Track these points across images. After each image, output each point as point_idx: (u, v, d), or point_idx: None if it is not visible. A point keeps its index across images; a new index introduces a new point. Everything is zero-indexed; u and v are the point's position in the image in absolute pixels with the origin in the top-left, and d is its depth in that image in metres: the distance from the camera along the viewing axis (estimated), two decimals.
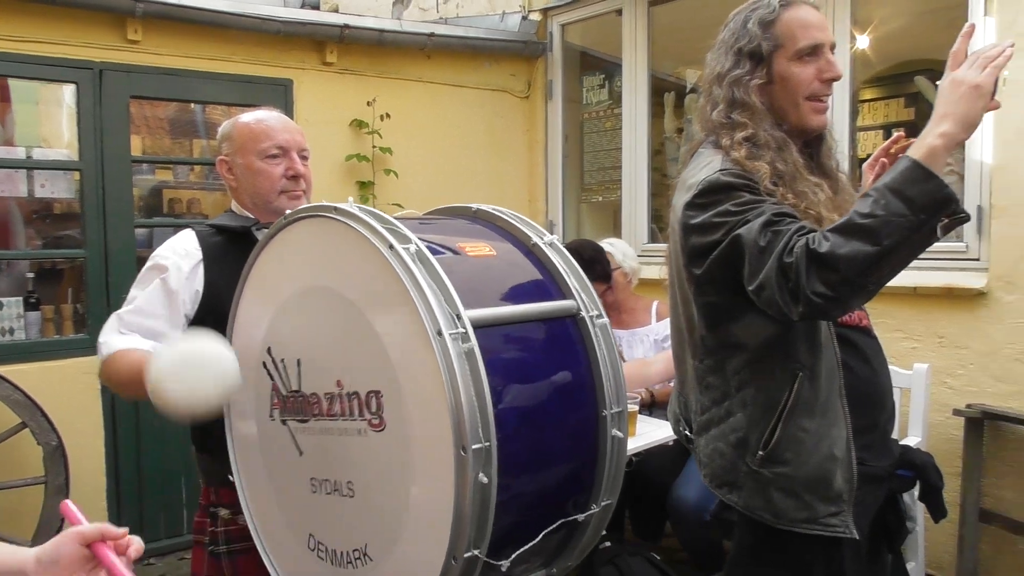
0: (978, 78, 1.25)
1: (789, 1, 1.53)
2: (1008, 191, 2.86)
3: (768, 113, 1.51)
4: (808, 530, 1.45)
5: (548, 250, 1.58)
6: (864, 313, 1.61)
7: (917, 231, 1.22)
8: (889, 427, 1.60)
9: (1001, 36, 2.86)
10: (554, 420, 1.44)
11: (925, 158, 1.24)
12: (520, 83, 4.66)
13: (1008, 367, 2.88)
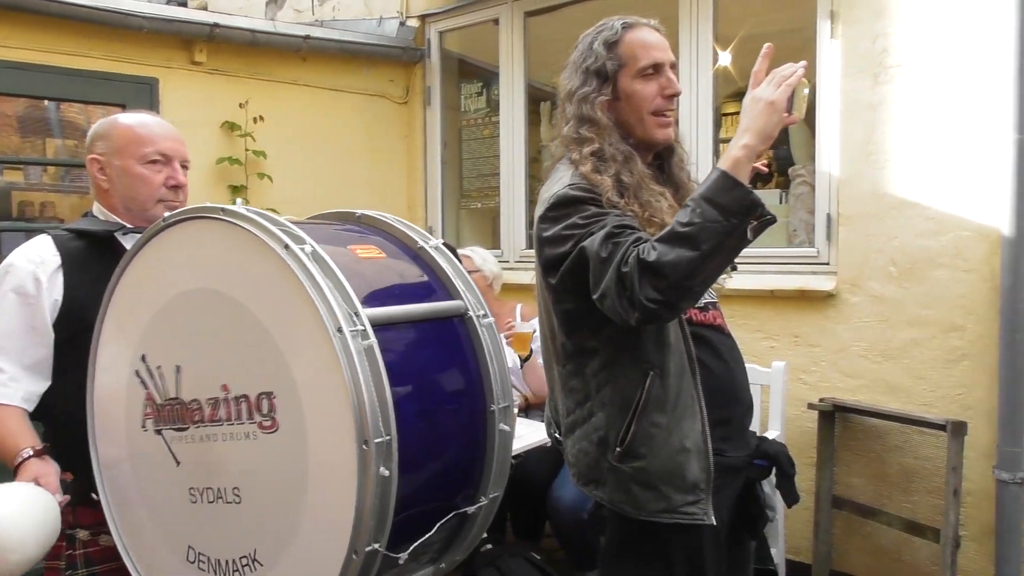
0: (773, 95, 1.38)
1: (631, 23, 1.64)
2: (853, 202, 3.10)
3: (615, 128, 1.60)
4: (669, 519, 1.52)
5: (434, 253, 1.62)
6: (719, 312, 1.70)
7: (731, 234, 1.33)
8: (746, 420, 1.69)
9: (845, 58, 3.10)
10: (446, 415, 1.48)
11: (731, 168, 1.36)
12: (398, 89, 4.64)
13: (855, 363, 3.11)
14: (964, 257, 2.86)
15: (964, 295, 2.86)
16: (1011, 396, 2.71)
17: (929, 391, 2.94)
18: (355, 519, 1.26)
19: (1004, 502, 2.74)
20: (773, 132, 1.39)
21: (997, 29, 2.74)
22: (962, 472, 2.76)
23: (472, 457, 1.52)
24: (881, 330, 3.04)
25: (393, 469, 1.27)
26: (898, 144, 2.99)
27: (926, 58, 2.92)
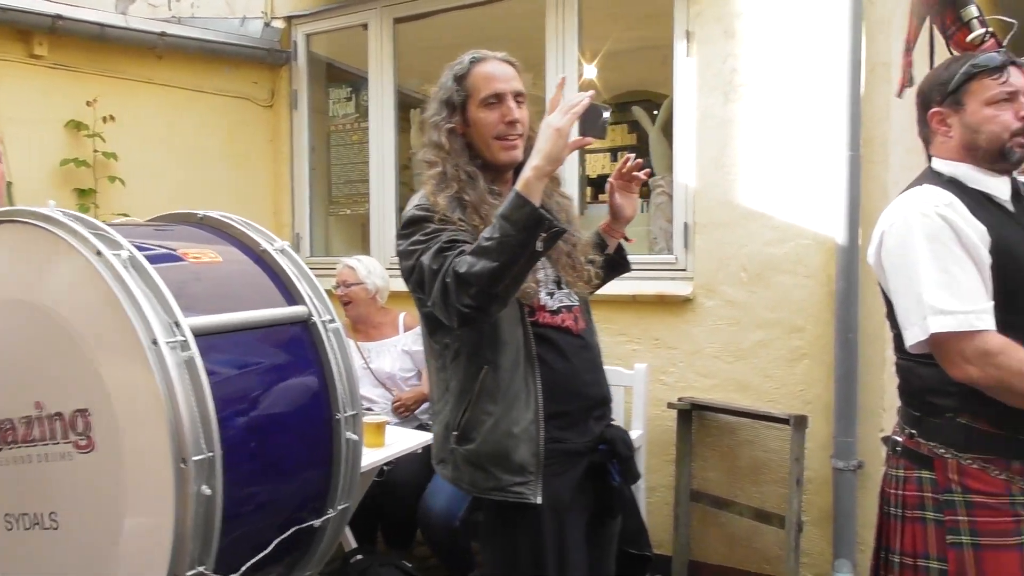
0: (559, 122, 1.54)
1: (480, 58, 1.80)
2: (707, 211, 3.29)
3: (463, 151, 1.78)
4: (499, 497, 1.71)
5: (279, 256, 1.58)
6: (570, 315, 1.82)
7: (524, 247, 1.51)
8: (594, 413, 1.83)
9: (700, 76, 3.29)
10: (285, 426, 1.44)
11: (522, 188, 1.53)
12: (263, 91, 4.51)
13: (710, 364, 3.30)
14: (804, 264, 3.09)
15: (804, 299, 3.09)
16: (845, 391, 2.96)
17: (775, 388, 3.16)
18: (174, 542, 1.21)
19: (840, 488, 2.98)
20: (560, 155, 1.55)
21: (833, 54, 2.99)
22: (804, 462, 2.98)
23: (318, 468, 1.50)
24: (733, 332, 3.24)
25: (217, 487, 1.22)
26: (747, 158, 3.20)
27: (770, 78, 3.14)
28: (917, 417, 1.68)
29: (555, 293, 1.81)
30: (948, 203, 1.58)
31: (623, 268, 2.11)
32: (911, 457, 1.68)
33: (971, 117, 1.63)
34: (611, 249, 2.05)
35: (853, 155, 2.94)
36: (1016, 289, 1.55)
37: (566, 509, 1.74)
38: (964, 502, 1.59)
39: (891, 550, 1.70)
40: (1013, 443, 1.57)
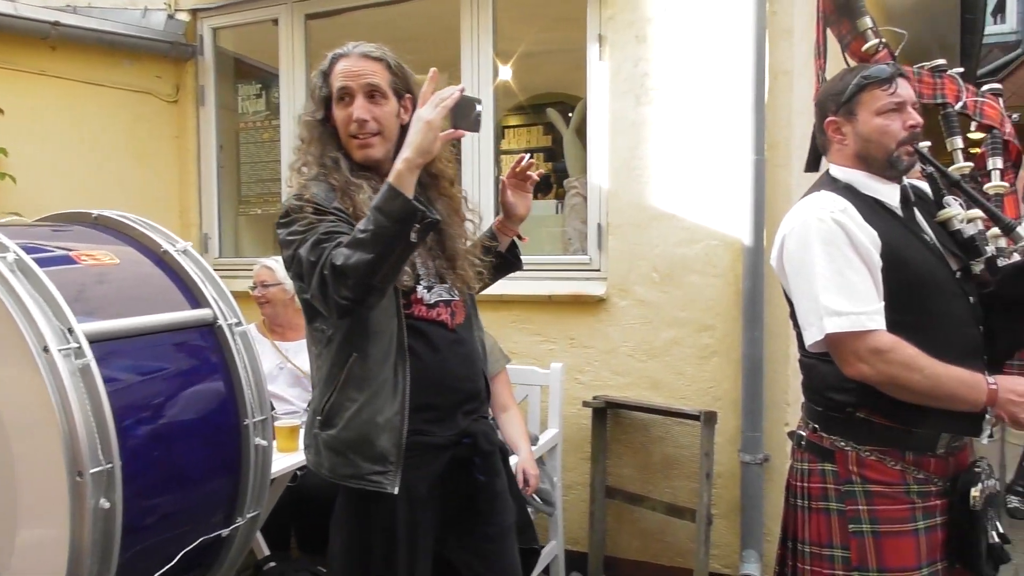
0: (429, 115, 1.57)
1: (342, 53, 1.80)
2: (620, 212, 3.34)
3: (330, 140, 1.79)
4: (356, 484, 1.72)
5: (181, 257, 1.52)
6: (447, 310, 1.83)
7: (398, 238, 1.54)
8: (464, 407, 1.84)
9: (613, 79, 3.34)
10: (190, 433, 1.39)
11: (394, 180, 1.56)
12: (167, 86, 4.34)
13: (624, 362, 3.36)
14: (713, 264, 3.19)
15: (713, 298, 3.19)
16: (751, 387, 3.06)
17: (686, 385, 3.24)
18: (71, 557, 1.16)
19: (748, 481, 3.08)
20: (430, 147, 1.58)
21: (739, 61, 3.09)
22: (713, 457, 3.07)
23: (226, 476, 1.45)
24: (645, 331, 3.31)
25: (116, 500, 1.18)
26: (658, 160, 3.28)
27: (680, 83, 3.22)
28: (819, 412, 1.75)
29: (434, 287, 1.82)
30: (843, 209, 1.65)
31: (514, 267, 2.12)
32: (814, 451, 1.75)
33: (863, 126, 1.72)
34: (503, 247, 2.06)
35: (758, 159, 3.05)
36: (905, 290, 1.64)
37: (422, 502, 1.76)
38: (864, 492, 1.67)
39: (799, 540, 1.77)
40: (907, 435, 1.66)
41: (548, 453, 3.16)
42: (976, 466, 1.67)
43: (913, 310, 1.63)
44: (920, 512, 1.66)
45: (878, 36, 2.24)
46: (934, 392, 1.57)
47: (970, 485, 1.63)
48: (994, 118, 2.53)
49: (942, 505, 1.68)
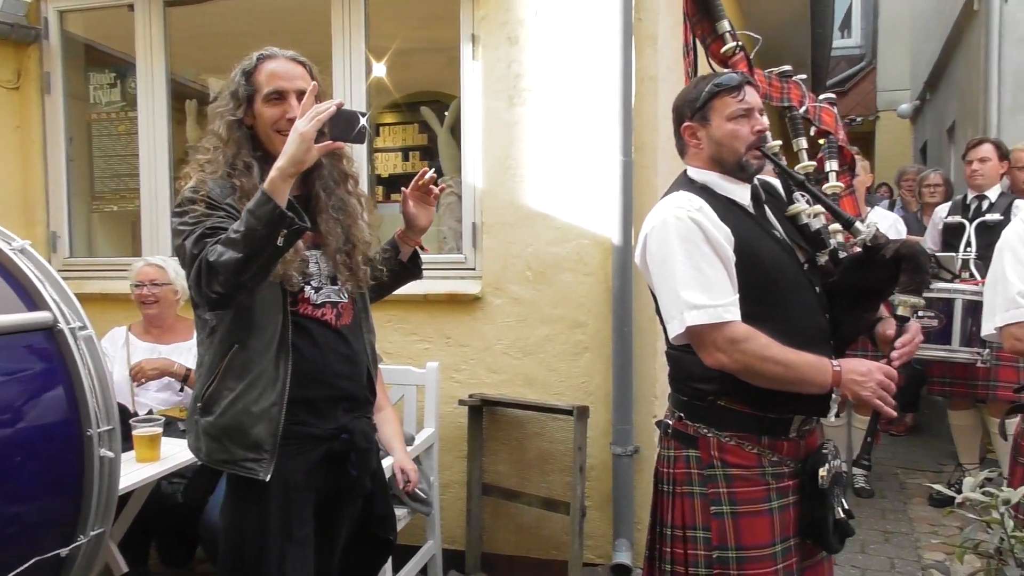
0: (303, 127, 1.64)
1: (268, 55, 1.87)
2: (494, 211, 3.37)
3: (246, 142, 1.85)
4: (230, 470, 1.82)
5: (17, 257, 1.41)
6: (333, 311, 1.91)
7: (267, 240, 1.62)
8: (343, 405, 1.92)
9: (486, 79, 3.36)
10: (22, 445, 1.28)
11: (268, 186, 1.64)
12: (7, 71, 4.01)
13: (499, 360, 3.39)
14: (585, 262, 3.27)
15: (585, 295, 3.27)
16: (622, 381, 3.16)
17: (559, 381, 3.31)
18: None
19: (619, 472, 3.18)
20: (303, 157, 1.65)
21: (607, 66, 3.17)
22: (586, 450, 3.15)
23: (65, 491, 1.35)
24: (520, 329, 3.35)
25: None
26: (531, 160, 3.32)
27: (552, 85, 3.28)
28: (684, 401, 1.85)
29: (323, 288, 1.89)
30: (699, 208, 1.75)
31: (413, 276, 2.19)
32: (680, 438, 1.84)
33: (716, 131, 1.82)
34: (404, 256, 2.13)
35: (626, 160, 3.15)
36: (758, 284, 1.74)
37: (298, 488, 1.84)
38: (724, 475, 1.77)
39: (664, 524, 1.85)
40: (763, 421, 1.77)
41: (424, 453, 3.15)
42: (824, 448, 1.81)
43: (765, 301, 1.74)
44: (774, 492, 1.77)
45: (736, 39, 2.36)
46: (786, 377, 1.68)
47: (818, 465, 1.76)
48: (830, 124, 2.74)
49: (794, 485, 1.80)
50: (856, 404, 1.63)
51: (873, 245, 1.79)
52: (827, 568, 1.90)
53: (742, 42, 2.38)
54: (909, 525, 3.94)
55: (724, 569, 1.73)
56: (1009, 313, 2.09)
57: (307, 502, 1.87)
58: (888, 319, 1.84)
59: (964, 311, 3.70)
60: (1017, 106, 5.35)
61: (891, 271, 1.77)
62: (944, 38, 7.60)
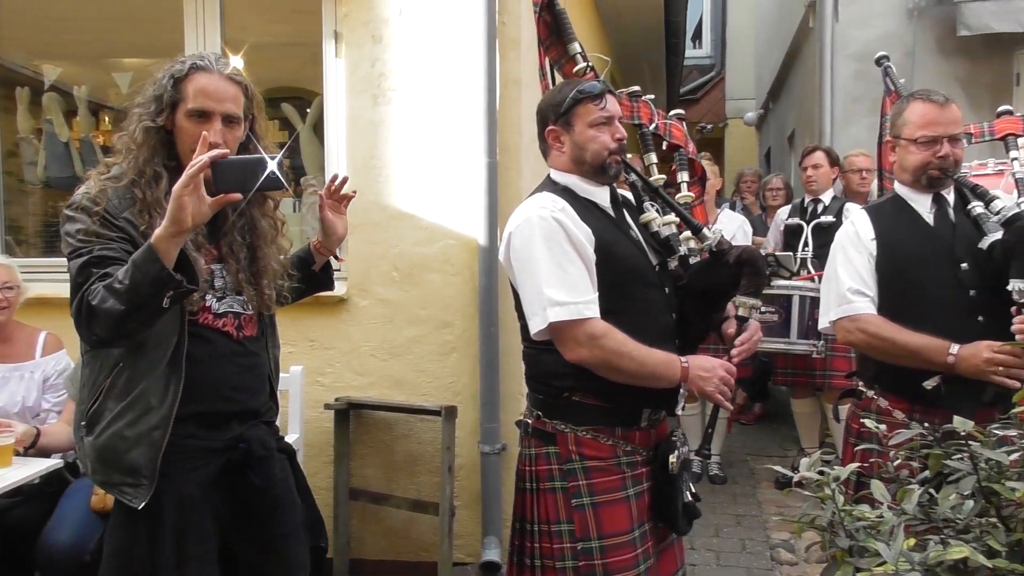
0: (176, 187, 1.54)
1: (203, 66, 1.76)
2: (359, 211, 3.30)
3: (161, 148, 1.76)
4: (109, 491, 1.76)
5: None
6: (234, 322, 1.85)
7: (151, 299, 1.56)
8: (240, 418, 1.86)
9: (350, 78, 3.31)
10: None
11: (155, 243, 1.56)
12: None
13: (366, 362, 3.35)
14: (451, 263, 3.28)
15: (452, 296, 3.28)
16: (489, 380, 3.20)
17: (427, 382, 3.31)
18: None
19: (487, 471, 3.22)
20: (183, 218, 1.55)
21: (472, 68, 3.20)
22: (455, 450, 3.17)
23: None
24: (387, 330, 3.32)
25: None
26: (396, 160, 3.30)
27: (417, 85, 3.28)
28: (542, 400, 1.90)
29: (226, 298, 1.84)
30: (561, 208, 1.81)
31: (325, 286, 2.19)
32: (539, 436, 1.90)
33: (578, 136, 1.89)
34: (317, 267, 2.12)
35: (491, 162, 3.19)
36: (614, 282, 1.83)
37: (193, 505, 1.77)
38: (582, 469, 1.84)
39: (528, 521, 1.90)
40: (616, 413, 1.86)
41: None
42: (673, 436, 1.92)
43: (620, 298, 1.83)
44: (630, 481, 1.86)
45: (586, 60, 2.45)
46: (640, 372, 1.77)
47: (668, 453, 1.86)
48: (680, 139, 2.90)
49: (646, 472, 1.90)
50: (700, 395, 1.75)
51: (718, 250, 1.91)
52: (678, 550, 2.02)
53: (593, 63, 2.47)
54: (759, 508, 4.21)
55: (589, 560, 1.80)
56: (841, 308, 2.28)
57: (205, 517, 1.79)
58: (731, 318, 1.97)
59: (802, 306, 3.99)
60: (848, 117, 5.82)
61: (734, 274, 1.90)
62: (784, 52, 8.16)
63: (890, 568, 1.06)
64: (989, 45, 5.32)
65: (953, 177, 2.20)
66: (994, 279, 2.06)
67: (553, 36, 2.49)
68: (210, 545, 1.80)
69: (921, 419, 1.39)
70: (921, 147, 2.19)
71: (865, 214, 2.33)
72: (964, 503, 1.24)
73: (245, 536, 1.87)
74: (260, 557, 1.90)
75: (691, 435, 4.46)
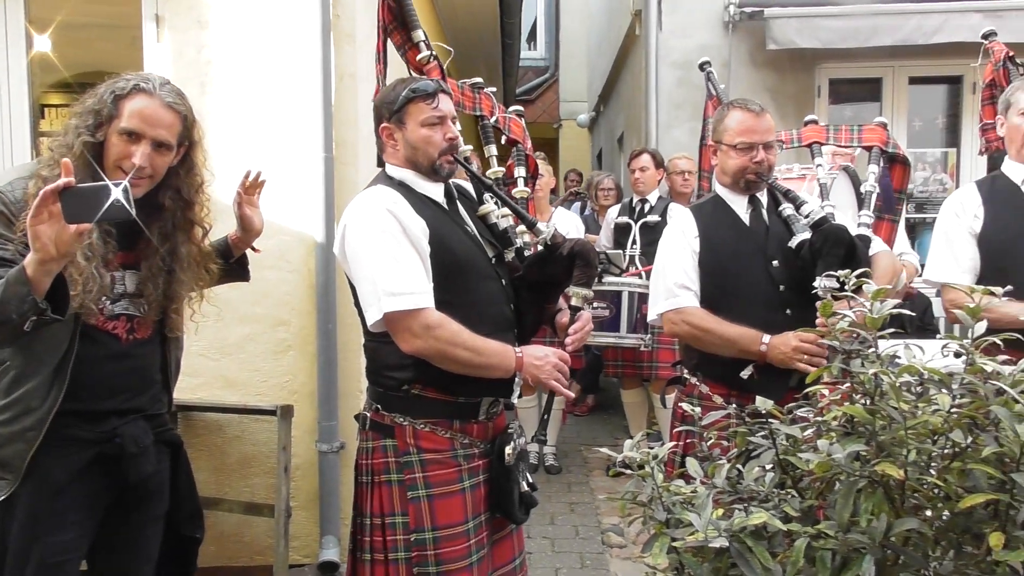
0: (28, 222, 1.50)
1: (146, 89, 1.78)
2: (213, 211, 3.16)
3: (91, 163, 1.74)
4: None
5: None
6: (126, 325, 1.85)
7: (15, 319, 1.55)
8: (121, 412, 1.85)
9: (174, 63, 3.14)
10: None
11: (27, 266, 1.52)
12: None
13: (196, 362, 3.19)
14: (287, 259, 3.20)
15: (288, 293, 3.21)
16: (327, 378, 3.16)
17: (262, 381, 3.21)
18: None
19: (325, 470, 3.18)
20: (47, 248, 1.51)
21: (306, 61, 3.14)
22: (291, 450, 3.10)
23: None
24: (218, 329, 3.18)
25: None
26: (226, 153, 3.15)
27: (248, 75, 3.16)
28: (381, 392, 1.92)
29: (122, 300, 1.83)
30: (395, 201, 1.84)
31: (242, 277, 2.24)
32: (377, 429, 1.91)
33: (411, 135, 1.92)
34: (234, 259, 2.17)
35: (327, 156, 3.15)
36: (450, 274, 1.87)
37: (58, 491, 1.77)
38: (419, 461, 1.86)
39: (364, 514, 1.91)
40: (453, 406, 1.90)
41: None
42: (509, 428, 1.98)
43: (456, 290, 1.87)
44: (466, 473, 1.91)
45: (430, 48, 2.48)
46: (475, 361, 1.83)
47: (505, 444, 1.92)
48: (519, 134, 2.99)
49: (483, 465, 1.95)
50: (535, 384, 1.83)
51: (552, 244, 2.00)
52: (515, 540, 2.08)
53: (436, 52, 2.50)
54: (591, 495, 4.41)
55: (421, 551, 1.83)
56: (667, 301, 2.43)
57: (70, 506, 1.80)
58: (564, 309, 2.06)
59: (631, 302, 4.22)
60: (671, 121, 6.19)
61: (567, 267, 1.99)
62: (613, 58, 8.55)
63: (700, 536, 1.17)
64: (794, 59, 5.83)
65: (767, 181, 2.40)
66: (801, 275, 2.26)
67: (397, 21, 2.50)
68: (72, 535, 1.80)
69: (738, 403, 1.53)
70: (740, 152, 2.36)
71: (689, 213, 2.50)
72: (765, 475, 1.39)
73: (108, 527, 1.88)
74: (114, 546, 1.91)
75: (528, 427, 4.60)
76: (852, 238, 2.26)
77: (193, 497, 2.08)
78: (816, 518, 1.31)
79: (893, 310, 1.37)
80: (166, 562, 2.02)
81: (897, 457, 1.25)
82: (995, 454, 1.19)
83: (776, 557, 1.22)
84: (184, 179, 1.90)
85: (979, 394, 1.26)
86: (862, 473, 1.25)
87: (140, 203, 1.74)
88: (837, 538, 1.20)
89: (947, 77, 5.99)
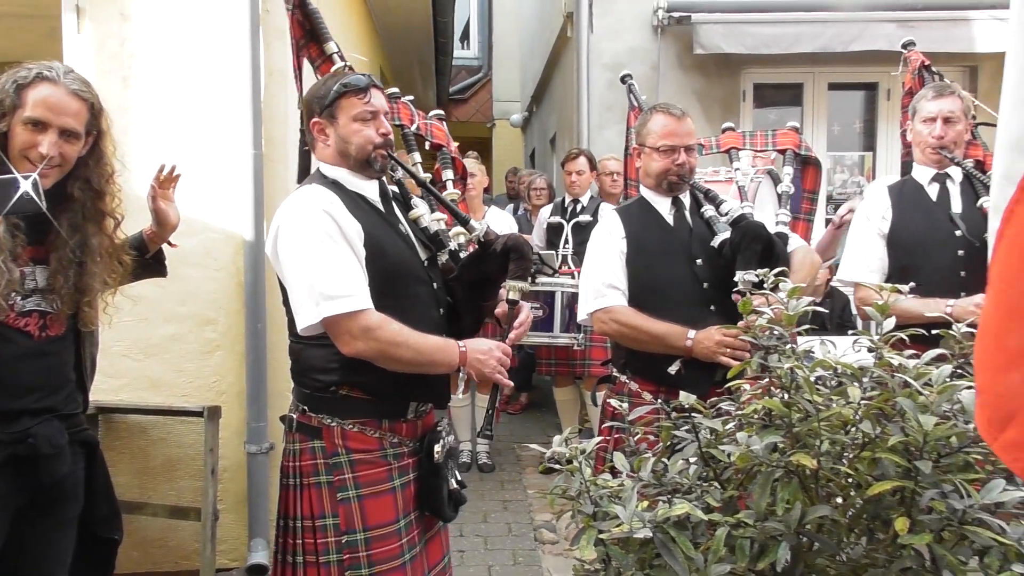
0: None
1: (49, 77, 1.75)
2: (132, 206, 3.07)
3: None
4: None
5: None
6: (38, 321, 1.81)
7: None
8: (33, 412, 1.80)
9: (96, 56, 3.04)
10: None
11: None
12: None
13: (118, 363, 3.10)
14: (214, 257, 3.13)
15: (215, 291, 3.14)
16: (256, 378, 3.11)
17: (188, 382, 3.14)
18: None
19: (254, 472, 3.13)
20: None
21: (235, 57, 3.08)
22: (219, 452, 3.03)
23: None
24: (141, 328, 3.10)
25: None
26: (149, 149, 3.08)
27: (174, 70, 3.09)
28: (307, 394, 1.89)
29: (33, 296, 1.79)
30: (331, 202, 1.82)
31: (159, 273, 2.23)
32: (304, 430, 1.89)
33: (343, 130, 1.90)
34: (150, 254, 2.16)
35: (257, 153, 3.10)
36: (385, 278, 1.86)
37: None
38: (348, 462, 1.85)
39: (291, 517, 1.88)
40: (381, 406, 1.89)
41: None
42: (439, 426, 1.98)
43: (391, 293, 1.86)
44: (396, 472, 1.90)
45: (344, 60, 2.46)
46: (418, 359, 1.82)
47: (434, 442, 1.92)
48: (442, 138, 3.00)
49: (413, 463, 1.94)
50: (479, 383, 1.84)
51: (486, 240, 2.01)
52: (444, 537, 2.08)
53: (350, 63, 2.49)
54: (524, 492, 4.44)
55: (353, 552, 1.81)
56: (596, 301, 2.48)
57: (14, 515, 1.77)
58: (504, 303, 2.08)
59: (563, 301, 4.27)
60: (603, 123, 6.27)
61: (502, 263, 2.01)
62: (546, 59, 8.61)
63: (625, 527, 1.20)
64: (720, 63, 5.98)
65: (689, 182, 2.47)
66: (724, 273, 2.34)
67: (308, 35, 2.47)
68: None
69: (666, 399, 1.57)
70: (662, 155, 2.43)
71: (616, 215, 2.56)
72: (689, 468, 1.43)
73: (19, 529, 1.84)
74: (25, 549, 1.85)
75: (460, 426, 4.61)
76: (769, 234, 2.35)
77: (110, 498, 2.04)
78: (737, 508, 1.36)
79: (808, 307, 1.44)
80: (81, 565, 1.97)
81: (811, 448, 1.31)
82: (901, 443, 1.26)
83: (699, 547, 1.27)
84: (94, 169, 1.86)
85: (887, 387, 1.33)
86: (779, 464, 1.31)
87: (49, 194, 1.71)
88: (755, 527, 1.25)
89: (864, 83, 6.23)
